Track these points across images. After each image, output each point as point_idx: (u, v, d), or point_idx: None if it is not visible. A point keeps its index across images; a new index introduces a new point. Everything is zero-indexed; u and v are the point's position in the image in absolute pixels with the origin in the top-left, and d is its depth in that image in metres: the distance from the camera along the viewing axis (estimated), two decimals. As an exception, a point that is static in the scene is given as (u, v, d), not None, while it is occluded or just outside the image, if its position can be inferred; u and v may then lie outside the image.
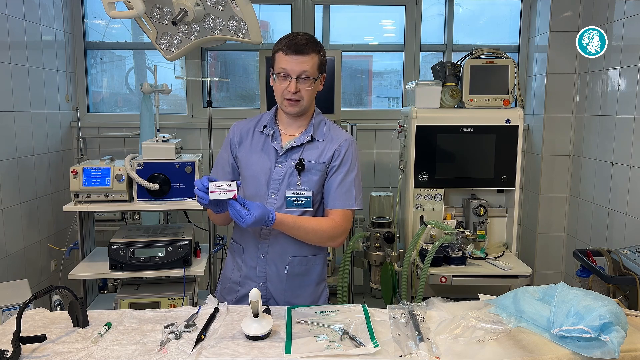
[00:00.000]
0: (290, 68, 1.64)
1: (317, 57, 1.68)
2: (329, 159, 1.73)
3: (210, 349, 1.37)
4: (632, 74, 2.82)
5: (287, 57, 1.64)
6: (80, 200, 2.45)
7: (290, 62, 1.64)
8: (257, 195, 1.75)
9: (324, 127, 1.79)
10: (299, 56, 1.64)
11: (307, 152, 1.74)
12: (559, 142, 3.54)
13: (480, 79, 2.67)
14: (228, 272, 1.88)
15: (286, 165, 1.73)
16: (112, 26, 3.83)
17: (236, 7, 2.42)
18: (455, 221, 2.72)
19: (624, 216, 2.90)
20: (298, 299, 1.79)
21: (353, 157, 1.75)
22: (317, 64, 1.68)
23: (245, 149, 1.79)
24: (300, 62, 1.64)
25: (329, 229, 1.71)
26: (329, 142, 1.75)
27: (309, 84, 1.67)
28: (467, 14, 3.82)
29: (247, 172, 1.77)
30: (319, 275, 1.84)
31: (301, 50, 1.64)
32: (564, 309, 1.36)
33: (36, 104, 3.21)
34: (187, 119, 3.80)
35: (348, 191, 1.73)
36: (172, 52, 2.57)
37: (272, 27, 3.97)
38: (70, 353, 1.36)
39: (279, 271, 1.77)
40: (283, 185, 1.72)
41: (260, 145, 1.77)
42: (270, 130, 1.77)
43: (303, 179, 1.72)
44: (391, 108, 4.00)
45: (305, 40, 1.66)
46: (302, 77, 1.65)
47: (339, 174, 1.73)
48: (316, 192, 1.74)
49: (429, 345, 1.37)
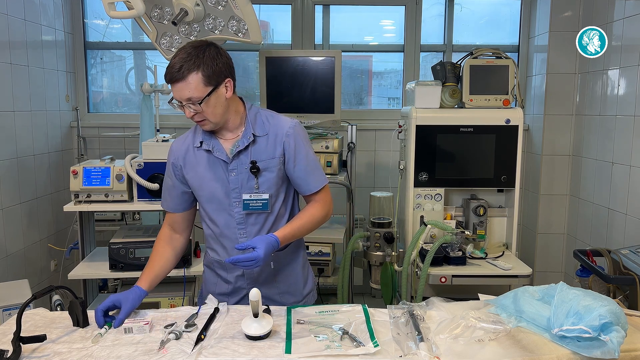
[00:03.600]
0: (177, 96, 1.58)
1: (198, 74, 1.54)
2: (281, 153, 1.68)
3: (210, 349, 1.37)
4: (632, 74, 2.82)
5: (171, 87, 1.59)
6: (81, 200, 2.45)
7: (174, 91, 1.58)
8: (222, 210, 1.71)
9: (262, 120, 1.70)
10: (176, 84, 1.55)
11: (255, 151, 1.67)
12: (559, 142, 3.54)
13: (480, 79, 2.67)
14: (211, 286, 1.82)
15: (239, 171, 1.67)
16: (112, 26, 3.83)
17: (236, 7, 2.42)
18: (455, 221, 2.72)
19: (624, 216, 2.90)
20: (290, 287, 1.79)
21: (303, 140, 1.70)
22: (202, 81, 1.55)
23: (191, 170, 1.71)
24: (180, 89, 1.56)
25: (320, 212, 1.72)
26: (272, 135, 1.68)
27: (200, 106, 1.58)
28: (467, 14, 3.82)
29: (203, 191, 1.71)
30: (303, 258, 1.85)
31: (176, 78, 1.54)
32: (564, 309, 1.36)
33: (36, 104, 3.21)
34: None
35: (315, 170, 1.72)
36: (172, 52, 2.57)
37: (272, 27, 3.97)
38: (70, 353, 1.36)
39: (267, 269, 1.76)
40: (243, 191, 1.68)
41: (205, 161, 1.69)
42: (209, 143, 1.68)
43: (261, 180, 1.68)
44: (391, 108, 4.00)
45: (179, 65, 1.53)
46: (190, 101, 1.57)
47: (299, 162, 1.69)
48: (276, 189, 1.70)
49: (429, 345, 1.37)
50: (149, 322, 1.49)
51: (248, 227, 1.71)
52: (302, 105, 2.99)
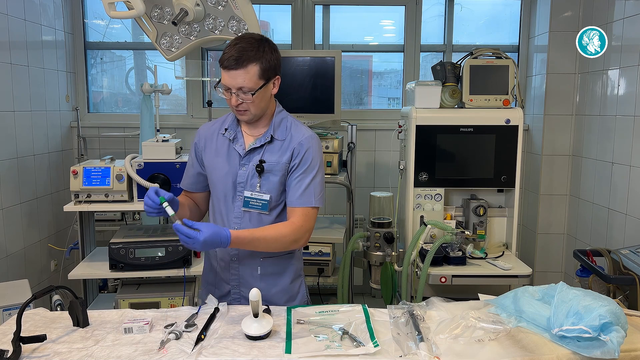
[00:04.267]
0: (228, 83, 1.59)
1: (257, 66, 1.58)
2: (289, 159, 1.69)
3: (211, 349, 1.37)
4: (632, 74, 2.82)
5: (224, 73, 1.59)
6: (81, 200, 2.45)
7: (226, 78, 1.59)
8: (225, 199, 1.74)
9: (286, 125, 1.73)
10: (231, 71, 1.57)
11: (268, 153, 1.70)
12: (559, 142, 3.54)
13: (480, 79, 2.67)
14: (205, 274, 1.88)
15: (248, 167, 1.71)
16: (112, 26, 3.83)
17: (236, 7, 2.42)
18: (455, 221, 2.72)
19: (623, 216, 2.90)
20: (273, 298, 1.75)
21: (314, 155, 1.70)
22: (257, 73, 1.59)
23: (210, 153, 1.76)
24: (235, 77, 1.58)
25: (289, 234, 1.65)
26: (289, 141, 1.70)
27: (249, 96, 1.60)
28: (467, 14, 3.82)
29: (214, 176, 1.75)
30: (295, 272, 1.82)
31: (233, 66, 1.57)
32: (563, 309, 1.36)
33: (36, 104, 3.21)
34: (187, 119, 3.80)
35: (307, 189, 1.68)
36: (172, 52, 2.58)
37: (272, 27, 3.97)
38: (70, 353, 1.36)
39: (252, 272, 1.76)
40: (247, 187, 1.71)
41: (225, 148, 1.74)
42: (232, 133, 1.74)
43: (263, 181, 1.69)
44: (391, 108, 4.00)
45: (238, 55, 1.57)
46: (241, 90, 1.59)
47: (297, 172, 1.69)
48: (277, 193, 1.71)
49: (429, 345, 1.37)
50: (149, 322, 1.49)
51: (244, 223, 1.72)
52: (302, 105, 2.99)
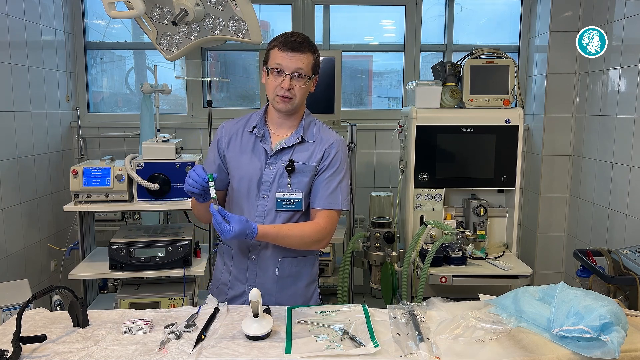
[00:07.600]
0: (285, 64, 1.64)
1: (313, 57, 1.69)
2: (319, 160, 1.72)
3: (211, 349, 1.37)
4: (632, 74, 2.82)
5: (282, 54, 1.65)
6: (81, 200, 2.45)
7: (285, 59, 1.64)
8: (248, 197, 1.74)
9: (314, 128, 1.78)
10: (294, 53, 1.64)
11: (297, 153, 1.73)
12: (559, 142, 3.54)
13: (480, 79, 2.67)
14: (218, 273, 1.87)
15: (276, 167, 1.72)
16: (112, 26, 3.83)
17: (236, 7, 2.42)
18: (455, 221, 2.72)
19: (624, 216, 2.90)
20: (288, 301, 1.76)
21: (342, 159, 1.75)
22: (312, 63, 1.69)
23: (234, 150, 1.77)
24: (295, 59, 1.64)
25: (312, 234, 1.69)
26: (318, 143, 1.74)
27: (303, 82, 1.67)
28: (467, 14, 3.82)
29: (238, 173, 1.76)
30: (310, 276, 1.83)
31: (297, 48, 1.65)
32: (564, 309, 1.36)
33: (36, 104, 3.21)
34: (187, 119, 3.80)
35: (334, 192, 1.72)
36: (172, 52, 2.57)
37: (272, 27, 3.97)
38: (70, 353, 1.36)
39: (269, 273, 1.76)
40: (273, 186, 1.71)
41: (251, 146, 1.76)
42: (260, 130, 1.75)
43: (293, 181, 1.71)
44: (391, 108, 4.00)
45: (302, 39, 1.67)
46: (296, 74, 1.65)
47: (326, 174, 1.72)
48: (306, 193, 1.73)
49: (429, 345, 1.37)
50: (149, 322, 1.49)
51: (266, 222, 1.72)
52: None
